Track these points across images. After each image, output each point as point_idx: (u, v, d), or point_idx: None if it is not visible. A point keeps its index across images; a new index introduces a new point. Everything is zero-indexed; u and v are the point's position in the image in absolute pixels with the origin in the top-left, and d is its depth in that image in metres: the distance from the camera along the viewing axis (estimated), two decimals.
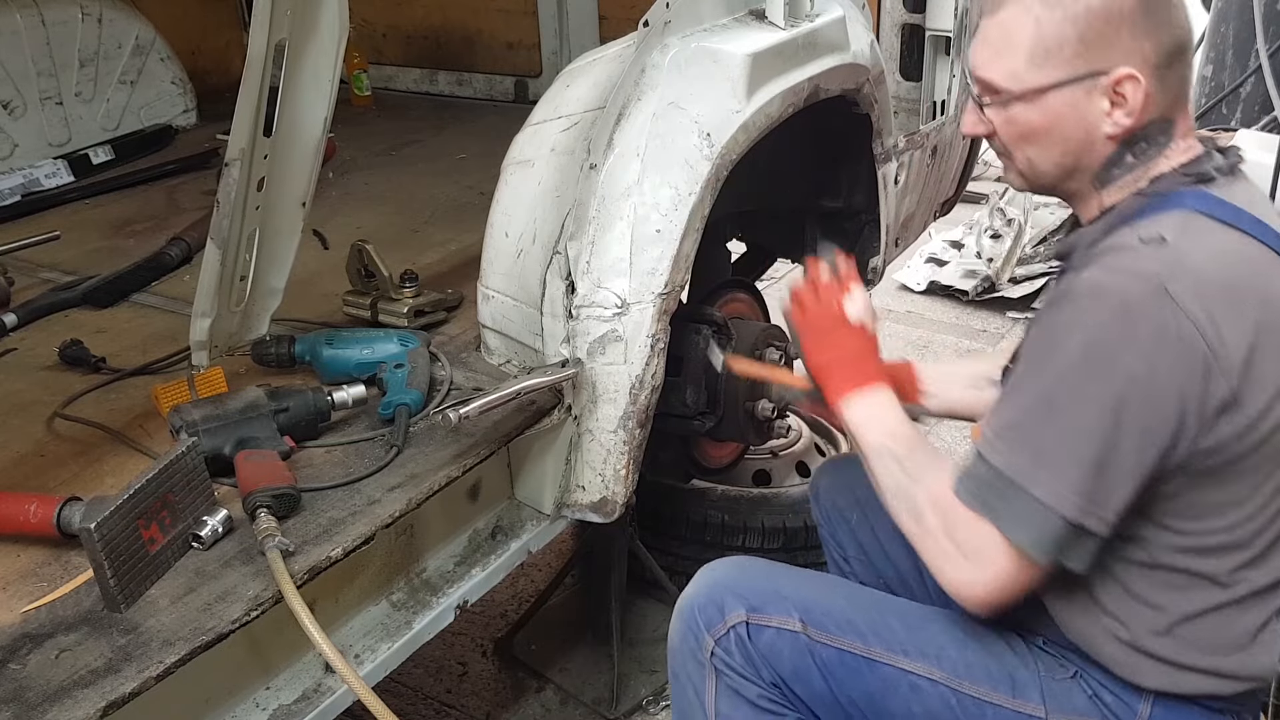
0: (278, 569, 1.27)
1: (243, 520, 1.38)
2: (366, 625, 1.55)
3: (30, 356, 1.95)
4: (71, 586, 1.30)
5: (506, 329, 1.78)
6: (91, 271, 2.28)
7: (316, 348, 1.76)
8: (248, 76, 1.50)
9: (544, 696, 2.36)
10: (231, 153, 1.54)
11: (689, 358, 1.93)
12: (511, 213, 1.75)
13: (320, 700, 1.42)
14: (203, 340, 1.69)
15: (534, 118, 1.81)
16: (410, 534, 1.61)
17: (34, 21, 2.91)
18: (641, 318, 1.64)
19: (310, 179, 1.71)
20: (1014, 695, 1.33)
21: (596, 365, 1.65)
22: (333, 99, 1.66)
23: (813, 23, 1.95)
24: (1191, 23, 1.32)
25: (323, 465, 1.55)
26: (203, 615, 1.24)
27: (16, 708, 1.11)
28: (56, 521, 1.33)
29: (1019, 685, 1.34)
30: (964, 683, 1.34)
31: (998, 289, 4.29)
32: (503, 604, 2.65)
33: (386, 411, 1.62)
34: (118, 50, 3.16)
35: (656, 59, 1.70)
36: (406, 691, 2.37)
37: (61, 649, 1.20)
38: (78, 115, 3.06)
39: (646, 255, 1.63)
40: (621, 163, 1.64)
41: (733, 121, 1.72)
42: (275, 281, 1.78)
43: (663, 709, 2.31)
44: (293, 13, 1.52)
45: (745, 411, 1.97)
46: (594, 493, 1.73)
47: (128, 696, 1.13)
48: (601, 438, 1.69)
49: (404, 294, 1.96)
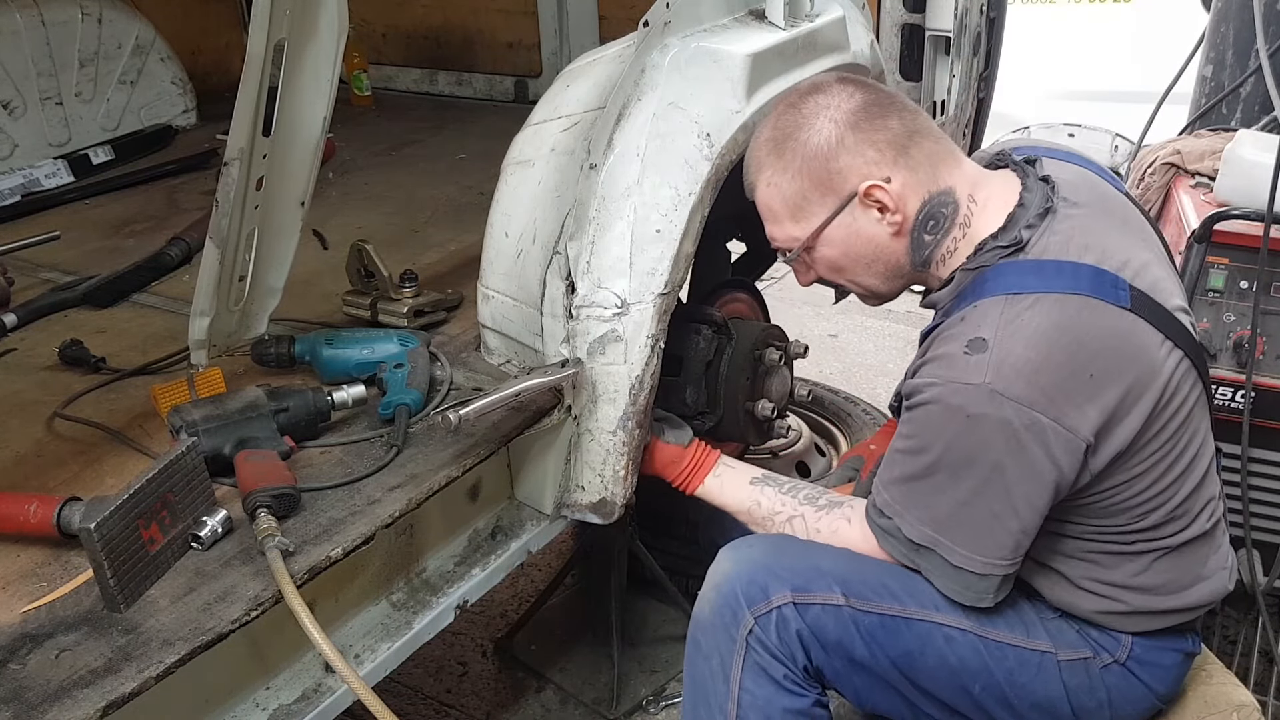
0: (278, 569, 1.27)
1: (243, 520, 1.38)
2: (366, 625, 1.55)
3: (30, 356, 1.95)
4: (71, 586, 1.30)
5: (506, 329, 1.78)
6: (91, 271, 2.28)
7: (316, 348, 1.76)
8: (247, 76, 1.50)
9: (544, 696, 2.36)
10: (231, 152, 1.54)
11: (689, 358, 1.93)
12: (511, 213, 1.75)
13: (320, 700, 1.42)
14: (202, 340, 1.69)
15: (534, 118, 1.81)
16: (410, 534, 1.61)
17: (34, 21, 2.91)
18: (641, 318, 1.64)
19: (309, 179, 1.71)
20: (1028, 636, 1.46)
21: (596, 365, 1.65)
22: (332, 99, 1.66)
23: (813, 23, 1.95)
24: (906, 102, 1.47)
25: (323, 465, 1.55)
26: (203, 615, 1.24)
27: (16, 708, 1.11)
28: (56, 521, 1.33)
29: (1029, 626, 1.47)
30: (988, 629, 1.45)
31: None
32: (503, 604, 2.65)
33: (386, 411, 1.63)
34: (118, 50, 3.16)
35: (656, 59, 1.70)
36: (406, 691, 2.37)
37: (61, 649, 1.20)
38: (78, 115, 3.06)
39: (646, 255, 1.63)
40: (621, 163, 1.64)
41: (733, 121, 1.72)
42: (274, 281, 1.78)
43: (663, 709, 2.31)
44: (292, 13, 1.52)
45: (745, 411, 1.97)
46: (593, 493, 1.73)
47: (128, 696, 1.14)
48: (601, 438, 1.69)
49: (404, 294, 1.96)
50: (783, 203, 1.48)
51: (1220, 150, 2.12)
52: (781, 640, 1.43)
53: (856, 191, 1.42)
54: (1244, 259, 1.95)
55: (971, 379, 1.30)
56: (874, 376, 3.74)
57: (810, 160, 1.44)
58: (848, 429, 2.90)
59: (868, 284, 1.54)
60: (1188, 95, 2.63)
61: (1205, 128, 2.46)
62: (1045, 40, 7.26)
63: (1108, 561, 1.44)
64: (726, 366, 1.94)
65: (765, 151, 1.49)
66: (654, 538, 2.41)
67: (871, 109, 1.43)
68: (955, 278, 1.44)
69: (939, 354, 1.37)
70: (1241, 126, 2.38)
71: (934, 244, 1.45)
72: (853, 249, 1.48)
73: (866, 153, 1.42)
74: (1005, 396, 1.28)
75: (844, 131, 1.42)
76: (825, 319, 4.14)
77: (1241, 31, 2.48)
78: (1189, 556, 1.45)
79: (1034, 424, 1.29)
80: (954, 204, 1.44)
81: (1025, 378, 1.29)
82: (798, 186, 1.46)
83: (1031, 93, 5.18)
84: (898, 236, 1.45)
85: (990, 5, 2.58)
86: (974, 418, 1.30)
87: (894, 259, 1.48)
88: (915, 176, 1.43)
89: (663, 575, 2.31)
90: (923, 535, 1.40)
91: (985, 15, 2.57)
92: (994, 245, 1.40)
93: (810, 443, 2.80)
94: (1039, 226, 1.39)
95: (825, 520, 1.54)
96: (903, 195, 1.42)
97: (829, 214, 1.45)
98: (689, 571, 2.56)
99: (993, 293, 1.35)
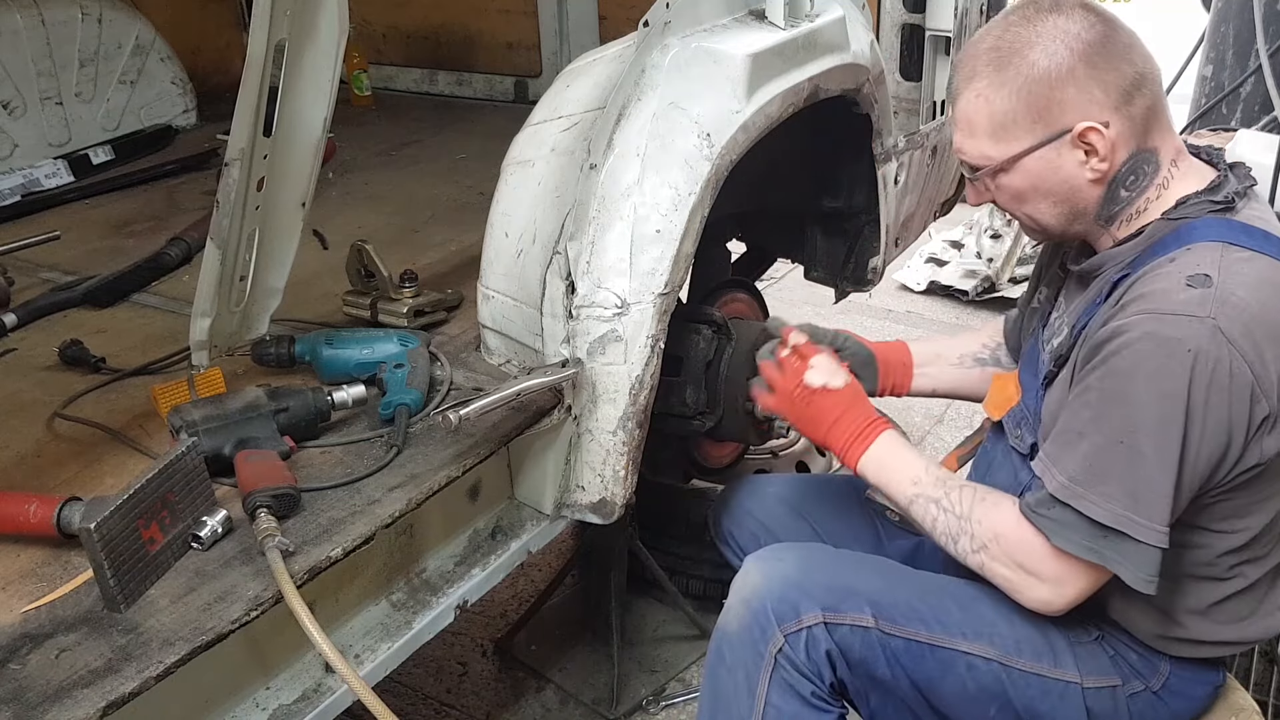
0: (278, 569, 1.27)
1: (243, 520, 1.38)
2: (366, 625, 1.55)
3: (30, 356, 1.95)
4: (71, 586, 1.30)
5: (506, 329, 1.78)
6: (91, 271, 2.27)
7: (316, 348, 1.76)
8: (247, 76, 1.50)
9: (544, 696, 2.36)
10: (231, 153, 1.54)
11: (689, 358, 1.93)
12: (511, 213, 1.75)
13: (320, 700, 1.42)
14: (202, 340, 1.69)
15: (534, 118, 1.81)
16: (410, 534, 1.61)
17: (34, 21, 2.91)
18: (641, 318, 1.64)
19: (310, 179, 1.71)
20: (1055, 665, 1.44)
21: (596, 365, 1.65)
22: (332, 99, 1.66)
23: (813, 23, 1.95)
24: (1143, 49, 1.37)
25: (323, 465, 1.55)
26: (203, 615, 1.24)
27: (16, 708, 1.11)
28: (56, 521, 1.33)
29: (1058, 654, 1.44)
30: (1013, 658, 1.43)
31: (998, 289, 4.29)
32: (503, 604, 2.65)
33: (386, 411, 1.63)
34: (118, 50, 3.16)
35: (656, 59, 1.70)
36: (406, 691, 2.37)
37: (61, 649, 1.20)
38: (78, 115, 3.06)
39: (646, 255, 1.63)
40: (621, 163, 1.64)
41: (733, 122, 1.72)
42: (275, 281, 1.78)
43: (663, 709, 2.31)
44: (292, 13, 1.52)
45: (745, 411, 1.97)
46: (593, 493, 1.73)
47: (128, 696, 1.13)
48: (601, 438, 1.69)
49: (404, 294, 1.96)
50: (989, 118, 1.37)
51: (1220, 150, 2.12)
52: (810, 659, 1.42)
53: (1071, 128, 1.33)
54: None
55: (1196, 311, 1.23)
56: None
57: (1034, 83, 1.33)
58: None
59: (1045, 221, 1.43)
60: (1188, 95, 2.64)
61: (1205, 127, 2.47)
62: None
63: (1187, 585, 1.40)
64: (726, 366, 1.94)
65: (985, 61, 1.37)
66: (654, 538, 2.41)
67: (1111, 46, 1.33)
68: (1147, 230, 1.36)
69: (1149, 291, 1.29)
70: (1241, 126, 2.39)
71: (1128, 200, 1.38)
72: (1045, 184, 1.38)
73: (1093, 91, 1.32)
74: (1227, 338, 1.22)
75: (1077, 62, 1.32)
76: (825, 319, 4.13)
77: (1241, 31, 2.48)
78: (1262, 588, 1.42)
79: (1239, 374, 1.23)
80: (1156, 164, 1.37)
81: (1243, 324, 1.23)
82: (1010, 106, 1.35)
83: None
84: (1096, 184, 1.37)
85: (990, 5, 2.58)
86: (1193, 353, 1.22)
87: (1084, 204, 1.39)
88: (1132, 127, 1.35)
89: (663, 575, 2.31)
90: (1113, 515, 1.28)
91: (985, 15, 2.57)
92: (1203, 199, 1.34)
93: (810, 443, 2.80)
94: (1246, 198, 1.35)
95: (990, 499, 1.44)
96: (1116, 144, 1.34)
97: (1035, 143, 1.36)
98: (689, 571, 2.57)
99: (1205, 238, 1.30)
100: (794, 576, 1.47)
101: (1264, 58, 2.45)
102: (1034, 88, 1.33)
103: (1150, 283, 1.30)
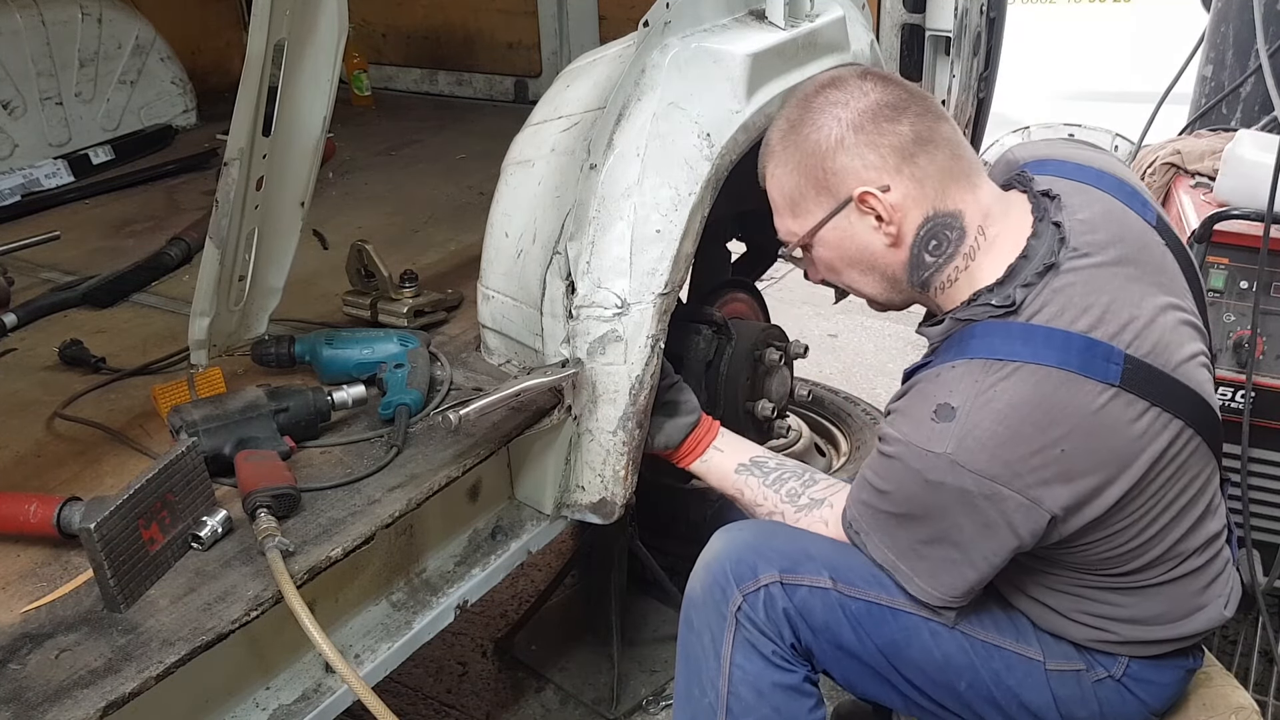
0: (278, 569, 1.27)
1: (243, 520, 1.38)
2: (366, 625, 1.55)
3: (30, 356, 1.95)
4: (71, 586, 1.30)
5: (506, 329, 1.78)
6: (91, 271, 2.28)
7: (316, 348, 1.76)
8: (247, 76, 1.50)
9: (544, 696, 2.36)
10: (230, 152, 1.54)
11: (689, 358, 1.93)
12: (511, 213, 1.75)
13: (320, 700, 1.42)
14: (202, 340, 1.68)
15: (534, 118, 1.81)
16: (410, 534, 1.61)
17: (34, 21, 2.91)
18: (641, 318, 1.64)
19: (309, 179, 1.71)
20: (1018, 640, 1.46)
21: (596, 365, 1.65)
22: (332, 99, 1.66)
23: (813, 23, 1.95)
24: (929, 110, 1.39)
25: (323, 465, 1.55)
26: (203, 615, 1.24)
27: (16, 708, 1.11)
28: (56, 521, 1.33)
29: (1020, 630, 1.47)
30: (975, 629, 1.45)
31: None
32: (503, 604, 2.65)
33: (386, 411, 1.62)
34: (118, 50, 3.16)
35: (656, 59, 1.70)
36: (406, 691, 2.37)
37: (61, 649, 1.20)
38: (78, 115, 3.06)
39: (646, 255, 1.63)
40: (621, 163, 1.64)
41: (733, 121, 1.72)
42: (274, 281, 1.78)
43: (663, 709, 2.31)
44: (292, 13, 1.52)
45: (745, 412, 1.97)
46: (593, 493, 1.73)
47: (128, 696, 1.14)
48: (601, 438, 1.69)
49: (404, 294, 1.96)
50: (783, 196, 1.46)
51: (1220, 150, 2.12)
52: (769, 618, 1.44)
53: (852, 196, 1.37)
54: (1244, 259, 1.95)
55: (934, 447, 1.27)
56: (874, 376, 3.74)
57: (809, 157, 1.40)
58: (848, 429, 2.91)
59: (865, 291, 1.49)
60: (1188, 95, 2.63)
61: (1205, 128, 2.46)
62: (1045, 40, 7.27)
63: (1097, 596, 1.41)
64: (726, 366, 1.94)
65: (776, 142, 1.46)
66: (654, 538, 2.41)
67: (883, 110, 1.36)
68: (945, 324, 1.38)
69: (909, 409, 1.34)
70: (1241, 126, 2.39)
71: (935, 267, 1.39)
72: (847, 253, 1.43)
73: (866, 156, 1.35)
74: (965, 468, 1.26)
75: (845, 131, 1.36)
76: (825, 319, 4.14)
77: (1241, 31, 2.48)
78: (1184, 588, 1.41)
79: (994, 494, 1.26)
80: (960, 230, 1.37)
81: (989, 451, 1.25)
82: (796, 182, 1.43)
83: (1032, 93, 5.19)
84: (894, 248, 1.39)
85: (990, 5, 2.58)
86: (931, 483, 1.29)
87: (890, 271, 1.42)
88: (920, 189, 1.36)
89: (663, 575, 2.31)
90: (885, 559, 1.40)
91: (985, 15, 2.57)
92: (986, 301, 1.32)
93: (810, 443, 2.80)
94: (1036, 286, 1.30)
95: (804, 521, 1.54)
96: (901, 206, 1.36)
97: (825, 214, 1.41)
98: (689, 572, 2.56)
99: (975, 353, 1.30)
100: (752, 541, 1.49)
101: (1264, 58, 2.45)
102: (809, 161, 1.40)
103: (913, 399, 1.34)
